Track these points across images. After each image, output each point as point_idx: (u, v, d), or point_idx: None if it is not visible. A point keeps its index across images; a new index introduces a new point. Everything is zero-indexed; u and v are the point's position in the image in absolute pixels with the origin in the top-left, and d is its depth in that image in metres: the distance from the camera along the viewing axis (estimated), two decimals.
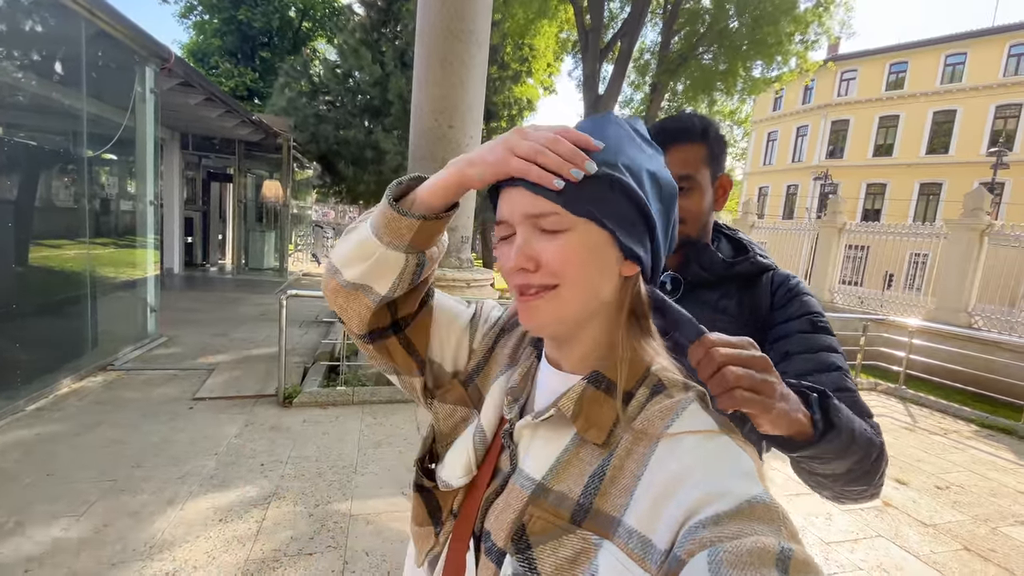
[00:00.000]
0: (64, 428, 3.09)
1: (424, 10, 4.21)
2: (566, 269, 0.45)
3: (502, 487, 0.50)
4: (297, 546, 2.21)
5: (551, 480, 0.47)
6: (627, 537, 0.40)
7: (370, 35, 10.22)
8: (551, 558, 0.42)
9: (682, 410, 0.45)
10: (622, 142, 0.47)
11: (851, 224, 8.48)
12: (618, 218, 0.45)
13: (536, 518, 0.45)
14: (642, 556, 0.39)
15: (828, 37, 11.75)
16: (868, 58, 23.29)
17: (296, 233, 12.80)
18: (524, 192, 0.45)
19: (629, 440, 0.45)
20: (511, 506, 0.47)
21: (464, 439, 0.57)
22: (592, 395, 0.48)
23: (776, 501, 0.38)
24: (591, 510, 0.43)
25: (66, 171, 4.68)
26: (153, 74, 4.76)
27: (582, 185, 0.44)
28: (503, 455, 0.53)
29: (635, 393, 0.48)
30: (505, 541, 0.46)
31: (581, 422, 0.47)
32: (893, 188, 22.33)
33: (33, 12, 3.74)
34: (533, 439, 0.51)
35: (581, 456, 0.47)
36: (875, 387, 5.70)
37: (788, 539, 0.35)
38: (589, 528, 0.42)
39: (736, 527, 0.35)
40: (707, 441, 0.42)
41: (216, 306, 7.07)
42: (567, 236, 0.45)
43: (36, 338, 3.76)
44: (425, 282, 0.59)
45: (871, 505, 3.02)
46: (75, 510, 2.30)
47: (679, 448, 0.42)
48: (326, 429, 3.42)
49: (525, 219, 0.46)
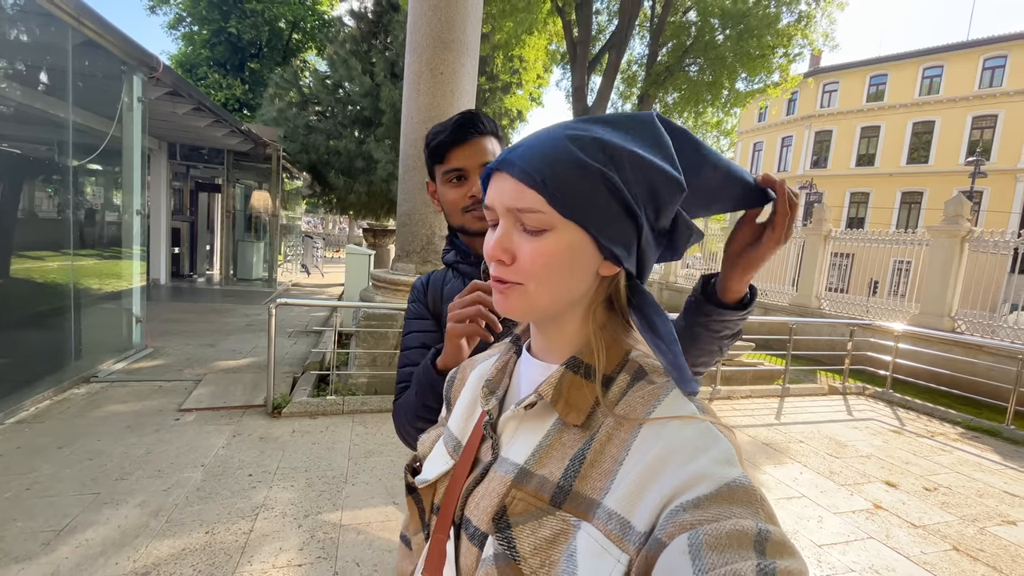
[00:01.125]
0: (44, 441, 3.02)
1: (415, 20, 4.26)
2: (538, 270, 0.45)
3: (482, 476, 0.51)
4: (287, 557, 2.16)
5: (534, 465, 0.47)
6: (606, 519, 0.40)
7: (360, 46, 10.27)
8: (530, 538, 0.42)
9: (664, 396, 0.45)
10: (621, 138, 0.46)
11: (836, 231, 8.64)
12: (604, 219, 0.45)
13: (517, 500, 0.45)
14: (620, 536, 0.39)
15: (812, 49, 12.05)
16: (849, 70, 23.92)
17: (286, 244, 12.69)
18: (510, 179, 0.45)
19: (611, 425, 0.45)
20: (493, 491, 0.48)
21: (439, 442, 0.60)
22: (571, 379, 0.48)
23: (754, 484, 0.39)
24: (571, 492, 0.43)
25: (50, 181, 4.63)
26: (141, 83, 4.73)
27: (569, 180, 0.43)
28: (483, 446, 0.54)
29: (615, 378, 0.48)
30: (487, 524, 0.46)
31: (562, 405, 0.47)
32: (876, 196, 22.81)
33: (19, 20, 3.72)
34: (518, 430, 0.51)
35: (563, 441, 0.47)
36: (863, 391, 5.77)
37: (766, 521, 0.36)
38: (569, 510, 0.43)
39: (715, 510, 0.36)
40: (688, 426, 0.42)
41: (204, 317, 6.98)
42: (547, 237, 0.45)
43: (16, 350, 3.68)
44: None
45: (862, 508, 3.04)
46: (56, 524, 2.24)
47: (661, 433, 0.42)
48: (316, 439, 3.37)
49: (508, 212, 0.46)
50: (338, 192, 10.29)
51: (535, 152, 0.45)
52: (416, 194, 4.45)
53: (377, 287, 4.62)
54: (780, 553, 0.34)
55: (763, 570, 0.32)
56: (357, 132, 10.28)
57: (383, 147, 9.43)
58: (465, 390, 0.62)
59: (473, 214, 0.95)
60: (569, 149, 0.44)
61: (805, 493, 3.18)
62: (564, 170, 0.43)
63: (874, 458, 3.85)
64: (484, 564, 0.44)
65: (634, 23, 11.30)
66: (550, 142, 0.45)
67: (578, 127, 0.46)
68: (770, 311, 9.05)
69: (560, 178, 0.44)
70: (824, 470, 3.56)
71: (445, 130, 0.92)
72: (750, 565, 0.32)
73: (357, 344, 4.41)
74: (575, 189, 0.44)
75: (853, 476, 3.50)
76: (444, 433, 0.60)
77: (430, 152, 0.96)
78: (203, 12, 17.53)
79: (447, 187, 0.97)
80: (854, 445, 4.10)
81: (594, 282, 0.49)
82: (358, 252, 7.42)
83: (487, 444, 0.53)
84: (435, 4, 4.16)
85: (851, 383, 5.86)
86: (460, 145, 0.93)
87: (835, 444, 4.09)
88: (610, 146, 0.45)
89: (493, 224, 0.49)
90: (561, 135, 0.45)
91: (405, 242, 4.57)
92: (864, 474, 3.55)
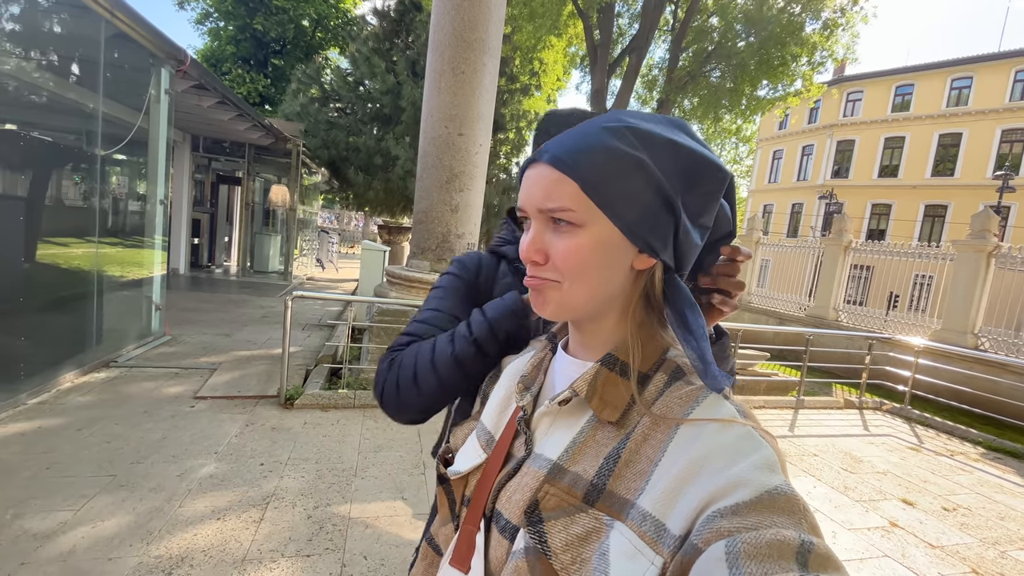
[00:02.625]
0: (65, 422, 3.08)
1: (439, 19, 4.28)
2: (572, 269, 0.46)
3: (515, 471, 0.50)
4: (295, 547, 2.18)
5: (567, 461, 0.46)
6: (640, 520, 0.40)
7: (382, 44, 10.37)
8: (562, 534, 0.42)
9: (703, 397, 0.44)
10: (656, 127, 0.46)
11: (856, 243, 8.48)
12: (638, 207, 0.44)
13: (550, 495, 0.45)
14: (655, 539, 0.38)
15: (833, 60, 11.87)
16: (874, 79, 23.50)
17: (302, 238, 12.85)
18: (544, 168, 0.45)
19: (647, 424, 0.45)
20: (526, 485, 0.47)
21: (471, 435, 0.60)
22: (606, 376, 0.48)
23: (798, 493, 0.37)
24: (605, 491, 0.43)
25: (78, 169, 4.74)
26: (168, 75, 4.82)
27: (603, 166, 0.44)
28: (516, 442, 0.54)
29: (652, 377, 0.48)
30: (519, 517, 0.46)
31: (596, 401, 0.47)
32: (898, 209, 22.35)
33: (55, 12, 3.82)
34: (552, 426, 0.51)
35: (597, 438, 0.46)
36: (880, 406, 5.65)
37: (809, 532, 0.34)
38: (602, 508, 0.42)
39: (755, 518, 0.34)
40: (728, 429, 0.41)
41: (220, 307, 7.08)
42: (579, 234, 0.45)
43: (40, 333, 3.77)
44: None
45: (877, 525, 2.97)
46: (73, 504, 2.29)
47: (700, 435, 0.41)
48: (327, 431, 3.40)
49: (539, 212, 0.47)
50: (356, 188, 10.39)
51: (568, 140, 0.46)
52: (433, 192, 4.47)
53: (391, 283, 4.64)
54: (824, 567, 0.32)
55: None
56: (376, 129, 10.38)
57: (403, 144, 9.50)
58: (499, 385, 0.62)
59: None
60: (603, 137, 0.44)
61: (818, 507, 3.12)
62: (598, 157, 0.44)
63: (891, 475, 3.77)
64: (514, 556, 0.44)
65: (655, 27, 11.24)
66: (584, 133, 0.46)
67: (612, 118, 0.46)
68: (785, 321, 8.91)
69: (594, 165, 0.44)
70: (838, 485, 3.49)
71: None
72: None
73: (370, 339, 4.43)
74: (610, 176, 0.44)
75: (868, 492, 3.42)
76: (477, 427, 0.60)
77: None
78: (229, 8, 17.83)
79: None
80: (870, 461, 4.01)
81: (629, 277, 0.48)
82: (373, 248, 7.48)
83: (521, 439, 0.53)
84: (458, 3, 4.18)
85: (868, 397, 5.74)
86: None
87: (850, 459, 4.01)
88: (645, 134, 0.45)
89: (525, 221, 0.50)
90: (596, 126, 0.46)
91: (421, 239, 4.60)
92: (880, 491, 3.47)
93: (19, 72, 3.66)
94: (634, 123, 0.46)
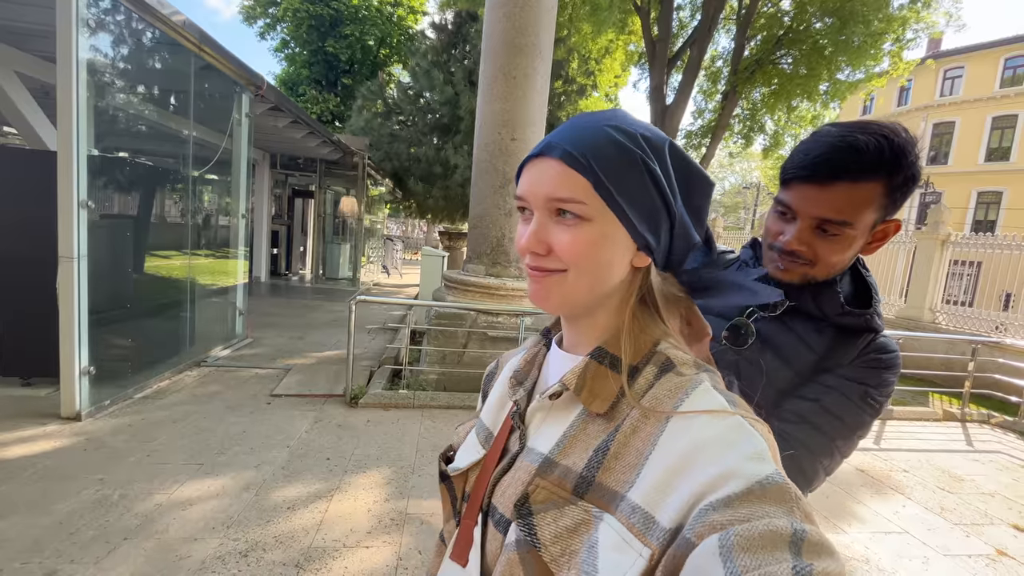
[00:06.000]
0: (163, 415, 3.45)
1: (490, 26, 4.37)
2: (576, 259, 0.46)
3: (510, 465, 0.51)
4: (355, 538, 2.30)
5: (558, 455, 0.47)
6: (630, 512, 0.40)
7: (440, 56, 10.73)
8: (551, 526, 0.42)
9: (692, 389, 0.44)
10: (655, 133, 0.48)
11: (957, 236, 7.59)
12: (642, 205, 0.46)
13: (540, 488, 0.45)
14: (643, 531, 0.38)
15: (928, 33, 10.71)
16: (978, 52, 20.95)
17: (368, 246, 13.54)
18: (553, 163, 0.45)
19: (636, 417, 0.44)
20: (519, 479, 0.48)
21: (471, 432, 0.62)
22: (596, 369, 0.48)
23: (788, 481, 0.36)
24: (594, 483, 0.43)
25: (175, 189, 5.31)
26: (248, 100, 5.28)
27: (612, 162, 0.44)
28: (512, 437, 0.54)
29: (642, 369, 0.47)
30: (511, 511, 0.47)
31: (585, 394, 0.48)
32: (1012, 196, 19.73)
33: (153, 50, 4.31)
34: (544, 420, 0.51)
35: (588, 431, 0.47)
36: (987, 419, 5.00)
37: (802, 520, 0.34)
38: (591, 501, 0.42)
39: (747, 509, 0.34)
40: (718, 420, 0.41)
41: (295, 312, 7.62)
42: (585, 228, 0.45)
43: (144, 336, 4.26)
44: None
45: (981, 552, 2.64)
46: (167, 488, 2.55)
47: (690, 427, 0.41)
48: (388, 429, 3.55)
49: (548, 202, 0.46)
50: (417, 197, 10.81)
51: (577, 136, 0.46)
52: (487, 197, 4.55)
53: (448, 287, 4.77)
54: (817, 554, 0.32)
55: (799, 572, 0.30)
56: (436, 139, 10.74)
57: (461, 153, 9.77)
58: (498, 383, 0.63)
59: (779, 260, 0.81)
60: (610, 134, 0.45)
61: (907, 529, 2.82)
62: (608, 153, 0.45)
63: (1000, 496, 3.33)
64: (507, 550, 0.45)
65: (719, 16, 10.74)
66: (590, 129, 0.46)
67: (614, 118, 0.47)
68: None
69: (605, 161, 0.44)
70: (934, 506, 3.13)
71: (808, 156, 0.73)
72: (785, 567, 0.31)
73: (428, 342, 4.58)
74: (618, 172, 0.44)
75: (971, 515, 3.04)
76: (477, 424, 0.62)
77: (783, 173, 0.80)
78: (304, 36, 19.26)
79: (772, 214, 0.82)
80: (974, 480, 3.57)
81: (628, 274, 0.49)
82: (432, 254, 7.73)
83: (516, 434, 0.54)
84: (509, 12, 4.24)
85: (972, 409, 5.11)
86: (809, 184, 0.74)
87: (949, 477, 3.58)
88: (647, 137, 0.46)
89: (523, 212, 0.50)
90: (600, 124, 0.46)
91: (476, 244, 4.69)
92: (985, 514, 3.07)
93: (126, 105, 4.16)
94: (635, 123, 0.47)
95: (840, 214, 0.72)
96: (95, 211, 3.31)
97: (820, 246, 0.76)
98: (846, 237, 0.75)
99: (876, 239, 0.78)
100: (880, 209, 0.73)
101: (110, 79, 3.79)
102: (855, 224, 0.73)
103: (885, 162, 0.69)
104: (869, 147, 0.68)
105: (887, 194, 0.71)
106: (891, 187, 0.71)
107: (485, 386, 0.69)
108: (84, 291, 3.18)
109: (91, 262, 3.22)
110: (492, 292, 4.46)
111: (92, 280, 3.23)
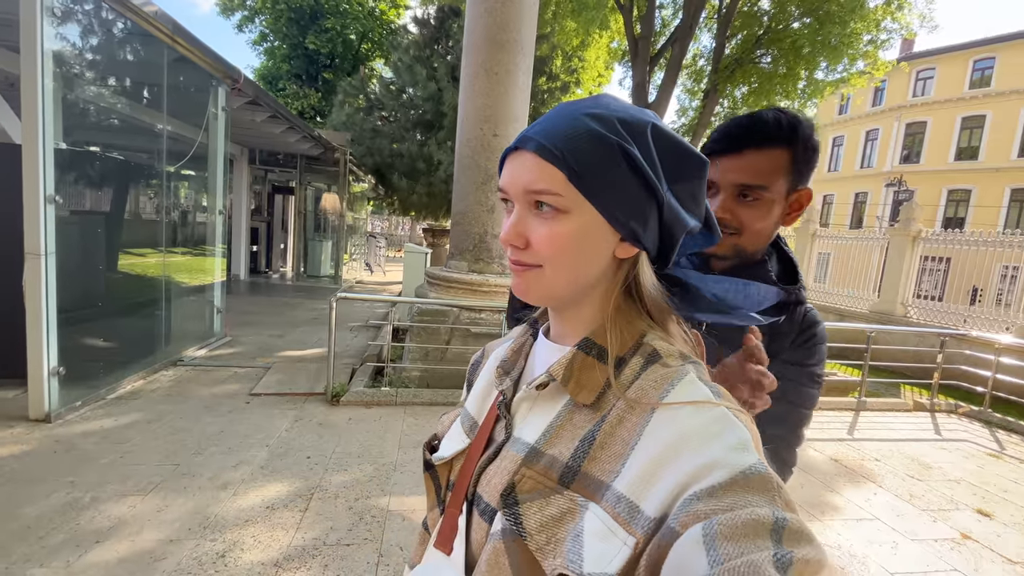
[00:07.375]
0: (137, 416, 3.37)
1: (472, 21, 4.34)
2: (553, 253, 0.46)
3: (495, 455, 0.51)
4: (336, 536, 2.28)
5: (544, 444, 0.47)
6: (615, 501, 0.40)
7: (423, 52, 10.63)
8: (537, 515, 0.42)
9: (678, 380, 0.44)
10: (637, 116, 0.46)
11: (927, 232, 7.82)
12: (622, 194, 0.44)
13: (526, 478, 0.45)
14: (628, 520, 0.39)
15: (903, 33, 10.97)
16: (948, 55, 21.59)
17: (351, 243, 13.38)
18: (528, 156, 0.45)
19: (622, 408, 0.45)
20: (505, 469, 0.48)
21: (456, 421, 0.61)
22: (583, 360, 0.48)
23: (771, 471, 0.37)
24: (579, 473, 0.43)
25: (149, 184, 5.17)
26: (224, 93, 5.17)
27: (587, 153, 0.43)
28: (498, 426, 0.54)
29: (628, 360, 0.48)
30: (497, 500, 0.47)
31: (572, 385, 0.48)
32: (980, 194, 20.41)
33: (125, 41, 4.18)
34: (531, 410, 0.51)
35: (574, 421, 0.47)
36: (955, 409, 5.18)
37: (783, 508, 0.35)
38: (576, 490, 0.43)
39: (731, 499, 0.35)
40: (703, 411, 0.41)
41: (276, 310, 7.50)
42: (563, 220, 0.45)
43: (117, 335, 4.14)
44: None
45: (947, 537, 2.73)
46: (142, 489, 2.50)
47: (675, 418, 0.41)
48: (370, 427, 3.52)
49: (525, 194, 0.46)
50: (400, 193, 10.71)
51: (552, 127, 0.45)
52: (469, 194, 4.53)
53: (431, 284, 4.75)
54: (797, 541, 0.33)
55: (780, 559, 0.31)
56: (419, 135, 10.65)
57: (444, 149, 9.70)
58: (484, 372, 0.63)
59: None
60: (587, 123, 0.44)
61: (878, 515, 2.91)
62: (583, 144, 0.44)
63: (965, 483, 3.45)
64: (492, 539, 0.45)
65: (700, 15, 10.85)
66: (568, 119, 0.45)
67: (594, 105, 0.46)
68: (846, 317, 8.36)
69: (579, 152, 0.44)
70: (903, 493, 3.24)
71: (721, 131, 0.83)
72: (766, 555, 0.31)
73: (411, 339, 4.56)
74: (594, 163, 0.44)
75: (938, 501, 3.15)
76: (462, 413, 0.61)
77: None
78: (284, 29, 18.89)
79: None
80: (941, 467, 3.69)
81: (612, 265, 0.49)
82: (415, 250, 7.68)
83: (501, 424, 0.54)
84: (490, 7, 4.22)
85: (941, 399, 5.28)
86: (725, 156, 0.82)
87: (918, 465, 3.70)
88: (627, 121, 0.45)
89: (505, 202, 0.50)
90: (577, 112, 0.46)
91: (458, 240, 4.67)
92: (952, 500, 3.19)
93: (96, 98, 4.04)
94: (615, 108, 0.46)
95: (755, 178, 0.81)
96: (63, 206, 3.21)
97: (743, 213, 0.83)
98: (765, 202, 0.82)
99: (793, 209, 0.86)
100: (789, 175, 0.82)
101: (79, 70, 3.66)
102: (770, 187, 0.81)
103: (784, 130, 0.79)
104: (768, 118, 0.80)
105: (793, 161, 0.81)
106: (795, 156, 0.80)
107: (470, 375, 0.69)
108: (52, 289, 3.08)
109: (59, 259, 3.12)
110: (475, 288, 4.45)
111: (61, 278, 3.14)
